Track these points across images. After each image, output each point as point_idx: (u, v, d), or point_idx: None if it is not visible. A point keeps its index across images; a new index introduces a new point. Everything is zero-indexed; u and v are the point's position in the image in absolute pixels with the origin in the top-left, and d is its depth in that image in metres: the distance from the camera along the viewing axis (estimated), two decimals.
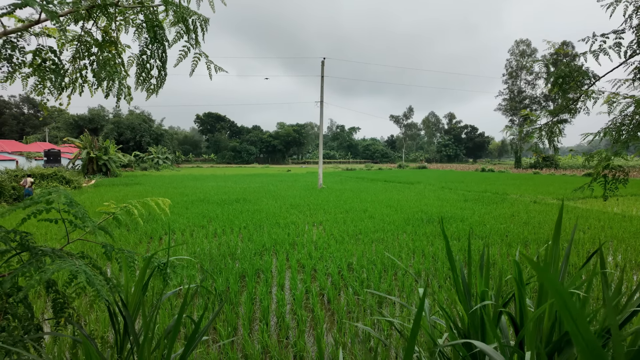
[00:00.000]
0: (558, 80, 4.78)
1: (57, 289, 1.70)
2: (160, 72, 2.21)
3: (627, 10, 4.04)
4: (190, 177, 35.21)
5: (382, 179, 32.21)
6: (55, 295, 1.69)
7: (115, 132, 64.20)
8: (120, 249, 1.91)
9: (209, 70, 2.55)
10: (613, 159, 4.23)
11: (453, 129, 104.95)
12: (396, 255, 6.87)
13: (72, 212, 1.63)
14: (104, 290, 1.39)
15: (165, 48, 2.16)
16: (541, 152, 53.28)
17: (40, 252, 1.49)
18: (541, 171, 48.32)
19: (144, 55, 2.09)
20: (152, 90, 2.25)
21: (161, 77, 2.24)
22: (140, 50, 2.08)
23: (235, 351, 3.58)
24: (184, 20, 2.11)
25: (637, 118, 3.84)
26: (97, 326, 4.07)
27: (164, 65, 2.21)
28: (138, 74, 2.15)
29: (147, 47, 2.07)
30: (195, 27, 2.10)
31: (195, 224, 9.94)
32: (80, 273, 1.36)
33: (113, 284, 1.72)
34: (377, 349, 3.71)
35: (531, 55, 64.49)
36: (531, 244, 7.71)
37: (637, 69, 4.23)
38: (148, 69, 2.14)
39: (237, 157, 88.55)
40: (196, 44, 2.16)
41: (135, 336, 1.74)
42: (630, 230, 9.07)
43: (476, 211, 12.24)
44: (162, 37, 2.08)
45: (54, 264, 1.38)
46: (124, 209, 2.11)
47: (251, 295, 4.89)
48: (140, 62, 2.11)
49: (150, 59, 2.13)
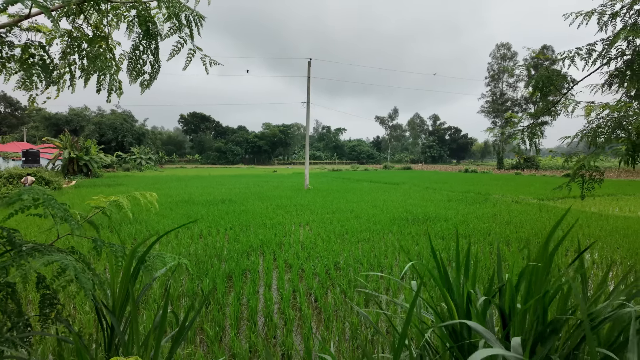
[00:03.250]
0: (538, 84, 4.95)
1: (47, 284, 1.68)
2: (153, 66, 2.21)
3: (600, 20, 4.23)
4: (174, 177, 34.73)
5: (368, 179, 32.44)
6: (44, 290, 1.67)
7: (97, 132, 62.80)
8: (110, 244, 1.90)
9: (204, 65, 2.53)
10: (588, 160, 4.41)
11: (437, 130, 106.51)
12: (382, 254, 6.96)
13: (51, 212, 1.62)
14: (89, 285, 1.38)
15: (157, 42, 2.16)
16: (523, 154, 54.62)
17: (30, 248, 1.48)
18: (522, 172, 49.50)
19: (136, 50, 2.09)
20: (146, 85, 2.25)
21: (154, 70, 2.24)
22: (133, 45, 2.08)
23: (222, 351, 3.58)
24: (177, 15, 2.11)
25: (610, 123, 4.02)
26: (86, 322, 4.01)
27: (156, 58, 2.21)
28: (131, 68, 2.14)
29: (139, 42, 2.07)
30: (189, 21, 2.11)
31: (179, 225, 9.82)
32: (69, 266, 1.36)
33: (100, 279, 1.71)
34: (365, 345, 3.77)
35: (512, 58, 66.15)
36: (512, 243, 7.91)
37: (610, 76, 4.44)
38: (141, 64, 2.14)
39: (222, 158, 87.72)
40: (191, 38, 2.16)
41: (120, 333, 1.74)
42: (606, 229, 9.39)
43: (460, 211, 12.48)
44: (154, 32, 2.08)
45: (44, 257, 1.37)
46: (114, 203, 2.09)
47: (238, 295, 4.89)
48: (133, 57, 2.11)
49: (143, 54, 2.12)
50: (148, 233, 8.90)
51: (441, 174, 44.18)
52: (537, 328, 1.77)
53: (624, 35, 3.80)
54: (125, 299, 1.87)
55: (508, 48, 66.31)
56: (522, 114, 6.28)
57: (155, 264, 1.93)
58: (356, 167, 73.74)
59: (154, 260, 1.95)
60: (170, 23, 2.21)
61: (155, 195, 2.33)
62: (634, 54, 4.04)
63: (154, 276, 1.86)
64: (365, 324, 4.30)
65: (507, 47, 66.41)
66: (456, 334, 2.08)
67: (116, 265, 1.83)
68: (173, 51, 2.37)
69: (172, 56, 2.43)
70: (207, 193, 18.55)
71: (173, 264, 2.12)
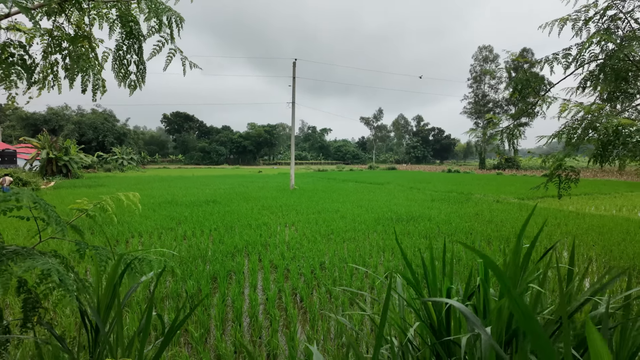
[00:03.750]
0: (517, 86, 5.11)
1: (29, 288, 1.66)
2: (138, 67, 2.20)
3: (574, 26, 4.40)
4: (157, 178, 34.16)
5: (353, 179, 32.62)
6: (26, 294, 1.64)
7: (76, 132, 61.22)
8: (94, 247, 1.88)
9: (183, 66, 2.54)
10: (565, 160, 4.58)
11: (421, 131, 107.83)
12: (367, 253, 7.03)
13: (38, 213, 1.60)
14: (73, 288, 1.37)
15: (141, 43, 2.15)
16: (504, 154, 55.88)
17: (11, 251, 1.46)
18: (504, 172, 50.58)
19: (120, 51, 2.07)
20: (134, 86, 2.23)
21: (140, 72, 2.22)
22: (117, 45, 2.06)
23: (207, 351, 3.57)
24: (158, 15, 2.10)
25: (584, 123, 4.19)
26: (67, 325, 3.93)
27: (141, 59, 2.20)
28: (117, 69, 2.12)
29: (122, 42, 2.06)
30: (170, 22, 2.10)
31: (163, 226, 9.70)
32: (52, 272, 1.34)
33: (83, 283, 1.70)
34: (349, 344, 3.81)
35: (494, 60, 67.54)
36: (494, 241, 8.11)
37: (583, 80, 4.62)
38: (126, 65, 2.12)
39: (206, 158, 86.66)
40: (171, 39, 2.16)
41: (105, 334, 1.72)
42: (582, 227, 9.72)
43: (442, 210, 12.69)
44: (137, 32, 2.07)
45: (26, 261, 1.35)
46: (97, 205, 2.07)
47: (223, 297, 4.87)
48: (117, 57, 2.09)
49: (127, 54, 2.11)
50: (130, 234, 8.76)
51: (425, 174, 44.76)
52: (511, 323, 1.84)
53: (597, 39, 3.97)
54: (110, 301, 1.85)
55: (490, 50, 67.68)
56: (502, 115, 6.45)
57: (142, 267, 1.92)
58: (342, 167, 74.00)
59: (141, 264, 1.94)
60: (152, 22, 2.20)
61: (138, 196, 2.32)
62: (606, 58, 4.22)
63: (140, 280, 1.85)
64: (350, 322, 4.35)
65: (489, 50, 67.79)
66: (435, 331, 2.14)
67: (101, 268, 1.81)
68: (154, 51, 2.37)
69: (152, 56, 2.42)
70: (191, 194, 18.33)
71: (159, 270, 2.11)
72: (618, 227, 9.67)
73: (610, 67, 4.11)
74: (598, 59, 4.35)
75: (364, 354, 3.67)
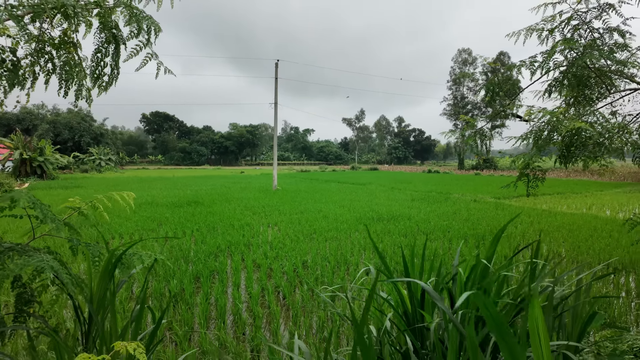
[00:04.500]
0: (489, 89, 5.38)
1: (23, 284, 1.71)
2: (112, 70, 2.27)
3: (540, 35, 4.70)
4: (136, 179, 33.52)
5: (336, 180, 32.86)
6: (20, 289, 1.69)
7: (51, 131, 59.30)
8: (87, 243, 1.94)
9: (158, 70, 2.62)
10: (533, 161, 4.86)
11: (402, 132, 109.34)
12: (349, 252, 7.19)
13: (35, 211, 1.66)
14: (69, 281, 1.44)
15: (119, 47, 2.23)
16: (482, 155, 57.33)
17: (7, 248, 1.51)
18: (482, 172, 51.86)
19: (98, 54, 2.14)
20: (104, 88, 2.30)
21: (113, 75, 2.30)
22: (96, 48, 2.13)
23: (192, 348, 3.64)
24: (138, 22, 2.19)
25: (548, 126, 4.47)
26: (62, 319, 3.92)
27: (117, 63, 2.27)
28: (92, 71, 2.19)
29: (102, 46, 2.13)
30: (149, 29, 2.19)
31: (144, 228, 9.62)
32: (46, 268, 1.41)
33: (76, 278, 1.76)
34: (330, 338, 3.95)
35: (472, 63, 69.21)
36: (470, 239, 8.41)
37: (549, 85, 4.93)
38: (102, 67, 2.19)
39: (187, 159, 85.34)
40: (147, 43, 2.25)
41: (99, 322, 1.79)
42: (554, 225, 10.18)
43: (422, 210, 13.01)
44: (118, 36, 2.15)
45: (22, 258, 1.42)
46: (89, 203, 2.13)
47: (207, 296, 4.93)
48: (95, 60, 2.16)
49: (105, 57, 2.18)
50: (111, 236, 8.66)
51: (406, 175, 45.49)
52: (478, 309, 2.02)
53: (560, 48, 4.24)
54: (104, 293, 1.92)
55: (469, 53, 69.32)
56: (478, 117, 6.73)
57: (132, 261, 2.00)
58: (324, 167, 74.25)
59: (132, 258, 2.01)
60: (131, 28, 2.29)
61: (133, 195, 2.38)
62: (569, 65, 4.51)
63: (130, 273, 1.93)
64: (331, 318, 4.49)
65: (468, 52, 69.42)
66: (408, 319, 2.30)
67: (94, 263, 1.88)
68: (131, 54, 2.46)
69: (129, 58, 2.51)
70: (172, 195, 18.13)
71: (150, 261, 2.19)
72: (587, 224, 10.17)
73: (573, 74, 4.40)
74: (562, 66, 4.65)
75: (345, 345, 3.82)
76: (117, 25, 2.24)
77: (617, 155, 4.84)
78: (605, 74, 4.54)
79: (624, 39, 4.49)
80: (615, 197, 18.26)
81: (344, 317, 3.07)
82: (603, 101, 4.96)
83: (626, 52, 4.42)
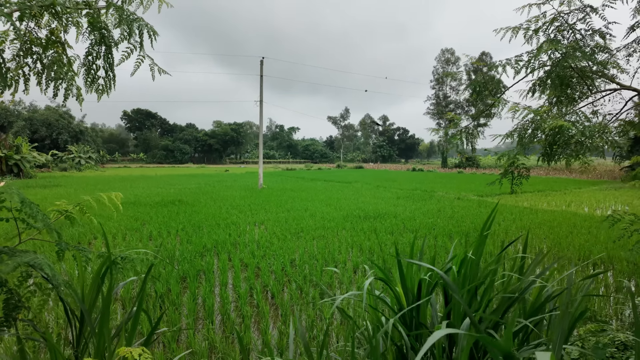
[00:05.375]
0: (475, 88, 5.47)
1: (10, 288, 1.63)
2: (107, 73, 2.20)
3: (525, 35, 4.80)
4: (117, 178, 32.78)
5: (321, 178, 32.87)
6: (7, 295, 1.61)
7: (27, 129, 57.42)
8: (75, 246, 1.87)
9: (152, 72, 2.56)
10: (518, 158, 4.98)
11: (387, 130, 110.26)
12: (336, 250, 7.21)
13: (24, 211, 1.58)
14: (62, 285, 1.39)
15: (111, 49, 2.16)
16: (465, 153, 58.29)
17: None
18: (465, 170, 52.71)
19: (90, 56, 2.07)
20: (102, 91, 2.23)
21: (109, 78, 2.22)
22: (87, 51, 2.06)
23: (181, 349, 3.58)
24: (128, 23, 2.13)
25: (532, 124, 4.58)
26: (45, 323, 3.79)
27: (111, 66, 2.20)
28: (85, 75, 2.12)
29: (92, 48, 2.06)
30: (141, 31, 2.13)
31: (127, 227, 9.41)
32: (43, 265, 1.36)
33: (66, 281, 1.70)
34: (319, 336, 3.95)
35: (455, 63, 70.19)
36: (455, 236, 8.54)
37: (533, 84, 5.05)
38: (95, 70, 2.12)
39: (170, 157, 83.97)
40: (140, 47, 2.19)
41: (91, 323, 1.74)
42: (535, 222, 10.43)
43: (407, 207, 13.15)
44: (108, 38, 2.08)
45: (15, 257, 1.36)
46: (77, 207, 2.06)
47: (194, 296, 4.86)
48: (87, 63, 2.09)
49: (97, 60, 2.11)
50: (92, 236, 8.45)
51: (391, 173, 45.87)
52: (472, 305, 2.05)
53: (545, 49, 4.35)
54: (96, 294, 1.86)
55: (452, 53, 70.29)
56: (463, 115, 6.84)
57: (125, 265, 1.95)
58: (310, 166, 74.20)
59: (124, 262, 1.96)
60: (121, 30, 2.22)
61: (121, 195, 2.32)
62: (552, 66, 4.62)
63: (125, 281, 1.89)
64: (320, 316, 4.48)
65: (451, 52, 70.39)
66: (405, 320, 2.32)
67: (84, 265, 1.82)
68: (123, 57, 2.39)
69: (121, 62, 2.44)
70: (155, 194, 17.80)
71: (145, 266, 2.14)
72: (567, 221, 10.45)
73: (557, 74, 4.51)
74: (546, 66, 4.76)
75: (334, 343, 3.82)
76: (106, 27, 2.17)
77: (598, 154, 5.00)
78: (587, 75, 4.68)
79: (604, 40, 4.63)
80: (593, 194, 18.84)
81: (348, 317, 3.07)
82: (584, 101, 5.12)
83: (606, 53, 4.56)
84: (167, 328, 3.87)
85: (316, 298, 4.92)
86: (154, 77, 2.61)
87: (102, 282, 1.92)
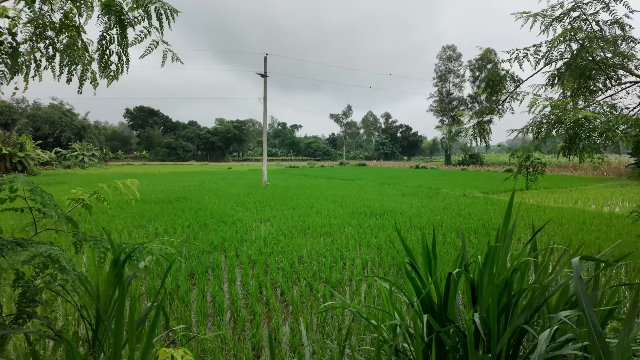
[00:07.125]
0: (490, 82, 5.36)
1: (27, 281, 1.56)
2: (120, 58, 2.11)
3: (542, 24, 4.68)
4: (121, 175, 32.80)
5: (325, 176, 32.78)
6: (24, 287, 1.55)
7: (30, 126, 57.55)
8: (92, 237, 1.80)
9: (164, 58, 2.47)
10: (534, 153, 4.87)
11: (389, 128, 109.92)
12: (344, 246, 7.13)
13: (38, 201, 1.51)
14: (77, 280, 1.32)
15: (126, 31, 2.07)
16: (469, 150, 58.02)
17: (11, 242, 1.37)
18: (468, 168, 52.53)
19: (103, 40, 1.99)
20: (113, 77, 2.14)
21: (122, 62, 2.14)
22: (101, 35, 1.97)
23: (192, 347, 3.52)
24: (145, 7, 2.04)
25: (552, 117, 4.47)
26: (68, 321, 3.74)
27: (124, 50, 2.11)
28: (99, 59, 2.03)
29: (106, 32, 1.97)
30: (159, 13, 2.04)
31: (133, 224, 9.36)
32: (60, 257, 1.29)
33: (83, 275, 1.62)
34: (332, 333, 3.87)
35: (457, 59, 69.74)
36: (464, 233, 8.43)
37: (551, 76, 4.92)
38: (108, 55, 2.04)
39: (173, 154, 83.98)
40: (160, 30, 2.09)
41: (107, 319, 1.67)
42: (543, 218, 10.32)
43: (413, 204, 13.05)
44: (123, 21, 1.99)
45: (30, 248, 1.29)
46: (93, 195, 1.98)
47: (203, 293, 4.79)
48: (100, 47, 2.00)
49: (110, 44, 2.02)
50: (98, 233, 8.40)
51: (394, 170, 45.72)
52: (501, 300, 1.96)
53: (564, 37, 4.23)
54: (113, 291, 1.79)
55: (453, 50, 69.82)
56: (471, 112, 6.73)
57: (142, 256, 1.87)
58: (313, 163, 74.02)
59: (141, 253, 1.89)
60: (136, 13, 2.12)
61: (136, 182, 2.25)
62: (571, 57, 4.51)
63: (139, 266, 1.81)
64: (331, 314, 4.41)
65: (453, 49, 69.91)
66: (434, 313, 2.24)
67: (100, 257, 1.75)
68: (135, 40, 2.29)
69: (133, 44, 2.34)
70: (159, 191, 17.77)
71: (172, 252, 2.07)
72: (575, 218, 10.34)
73: (576, 65, 4.40)
74: (564, 58, 4.65)
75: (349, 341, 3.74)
76: (122, 10, 2.07)
77: (613, 150, 4.89)
78: (607, 66, 4.56)
79: (623, 31, 4.51)
80: (599, 191, 18.68)
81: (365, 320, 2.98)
82: (604, 93, 5.00)
83: (631, 42, 4.44)
84: (181, 326, 3.81)
85: (326, 295, 4.84)
86: (163, 63, 2.51)
87: (120, 278, 1.84)
